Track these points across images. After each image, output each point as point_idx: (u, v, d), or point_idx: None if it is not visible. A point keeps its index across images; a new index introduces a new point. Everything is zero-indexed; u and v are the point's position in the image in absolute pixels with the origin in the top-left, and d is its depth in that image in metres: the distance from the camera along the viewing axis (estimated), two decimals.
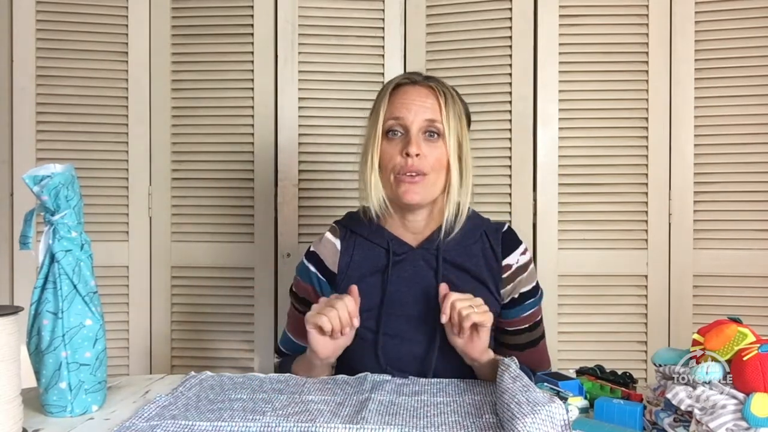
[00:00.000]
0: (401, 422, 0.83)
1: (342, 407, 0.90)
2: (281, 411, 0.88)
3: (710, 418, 0.70)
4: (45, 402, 0.93)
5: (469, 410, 0.89)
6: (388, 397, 0.95)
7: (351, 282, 1.12)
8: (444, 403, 0.92)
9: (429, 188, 1.13)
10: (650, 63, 1.76)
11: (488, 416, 0.86)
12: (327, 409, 0.89)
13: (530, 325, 1.20)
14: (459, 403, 0.93)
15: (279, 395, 0.96)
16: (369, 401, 0.92)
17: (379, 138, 1.13)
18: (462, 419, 0.85)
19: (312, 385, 1.02)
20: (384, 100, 1.15)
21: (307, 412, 0.87)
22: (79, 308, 0.93)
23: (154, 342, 1.86)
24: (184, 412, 0.88)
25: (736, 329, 0.78)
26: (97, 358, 0.94)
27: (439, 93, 1.14)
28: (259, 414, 0.86)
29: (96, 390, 0.94)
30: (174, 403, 0.93)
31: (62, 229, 0.93)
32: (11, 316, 0.79)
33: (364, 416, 0.85)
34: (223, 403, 0.92)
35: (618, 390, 0.93)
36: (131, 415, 0.87)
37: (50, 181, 0.91)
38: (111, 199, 1.85)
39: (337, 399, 0.94)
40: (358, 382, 1.04)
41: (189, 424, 0.82)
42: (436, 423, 0.83)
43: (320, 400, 0.94)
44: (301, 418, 0.85)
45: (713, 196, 1.75)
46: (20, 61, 1.83)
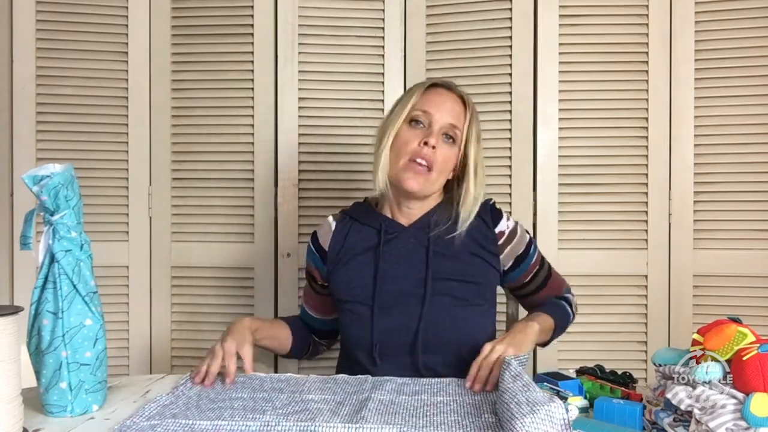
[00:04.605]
0: (401, 421, 0.83)
1: (342, 406, 0.90)
2: (281, 410, 0.88)
3: (710, 417, 0.70)
4: (45, 402, 0.93)
5: (469, 410, 0.90)
6: (388, 396, 0.95)
7: (345, 259, 1.25)
8: (444, 403, 0.93)
9: (429, 183, 1.22)
10: (650, 63, 1.76)
11: (487, 416, 0.87)
12: (327, 408, 0.89)
13: (534, 272, 1.31)
14: (459, 403, 0.93)
15: (279, 394, 0.96)
16: (369, 401, 0.92)
17: (401, 122, 1.22)
18: (462, 419, 0.85)
19: (312, 384, 1.03)
20: (418, 92, 1.24)
21: (307, 411, 0.88)
22: (79, 308, 0.93)
23: (154, 342, 1.86)
24: (185, 411, 0.88)
25: (736, 329, 0.78)
26: (97, 358, 0.94)
27: (467, 106, 1.25)
28: (259, 413, 0.87)
29: (96, 390, 0.94)
30: (175, 402, 0.93)
31: (62, 229, 0.93)
32: (11, 316, 0.79)
33: (364, 415, 0.85)
34: (224, 402, 0.92)
35: (618, 390, 0.93)
36: (132, 414, 0.87)
37: (50, 181, 0.91)
38: (111, 199, 1.85)
39: (338, 398, 0.95)
40: (359, 381, 1.05)
41: (190, 423, 0.83)
42: (435, 422, 0.83)
43: (320, 399, 0.94)
44: (301, 417, 0.85)
45: (713, 196, 1.75)
46: (20, 61, 1.83)
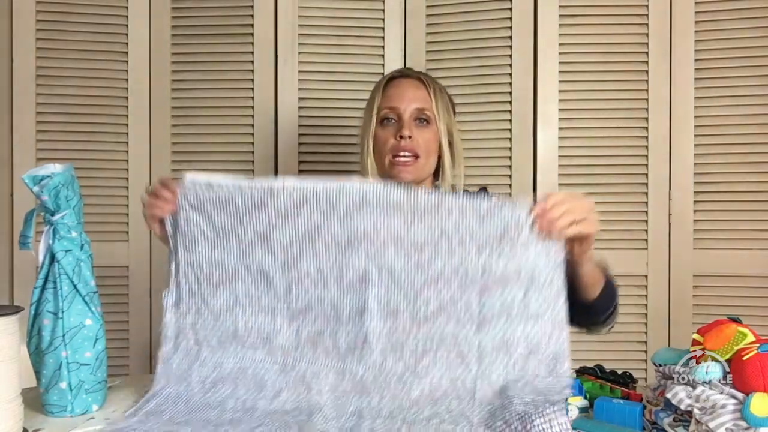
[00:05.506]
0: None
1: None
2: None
3: (710, 417, 0.70)
4: (45, 402, 0.93)
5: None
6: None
7: None
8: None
9: (420, 169, 1.23)
10: (650, 63, 1.76)
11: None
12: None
13: None
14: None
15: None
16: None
17: (374, 125, 1.25)
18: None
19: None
20: (379, 92, 1.27)
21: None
22: (79, 308, 0.93)
23: (154, 342, 1.85)
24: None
25: (736, 329, 0.78)
26: (97, 357, 0.94)
27: (428, 85, 1.26)
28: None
29: (96, 390, 0.94)
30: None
31: (62, 229, 0.93)
32: (11, 316, 0.79)
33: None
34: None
35: (618, 390, 0.93)
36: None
37: (50, 181, 0.91)
38: (111, 199, 1.85)
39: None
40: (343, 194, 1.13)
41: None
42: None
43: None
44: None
45: (713, 196, 1.75)
46: (20, 61, 1.82)
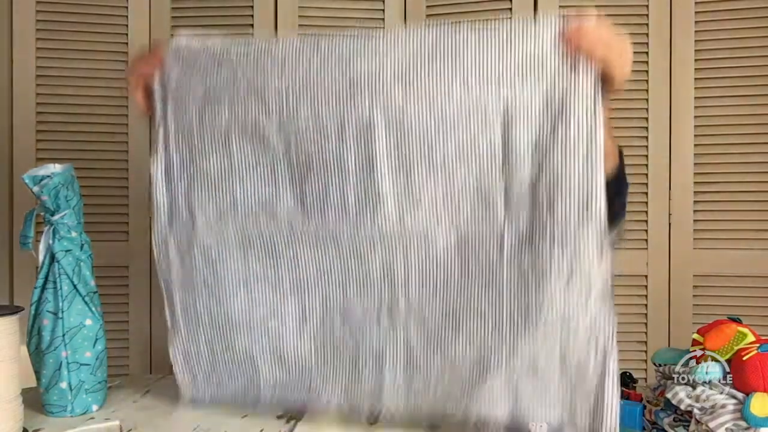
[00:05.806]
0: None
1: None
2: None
3: (710, 417, 0.70)
4: (45, 402, 0.93)
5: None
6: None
7: None
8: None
9: None
10: (650, 63, 1.76)
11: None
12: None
13: None
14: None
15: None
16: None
17: None
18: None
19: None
20: None
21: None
22: (79, 308, 0.93)
23: (154, 342, 1.86)
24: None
25: (736, 329, 0.78)
26: (97, 358, 0.94)
27: None
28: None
29: (96, 390, 0.94)
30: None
31: (62, 229, 0.93)
32: (11, 316, 0.79)
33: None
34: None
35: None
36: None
37: (50, 181, 0.91)
38: (111, 199, 1.85)
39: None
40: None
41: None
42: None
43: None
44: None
45: (713, 196, 1.75)
46: (20, 61, 1.82)
